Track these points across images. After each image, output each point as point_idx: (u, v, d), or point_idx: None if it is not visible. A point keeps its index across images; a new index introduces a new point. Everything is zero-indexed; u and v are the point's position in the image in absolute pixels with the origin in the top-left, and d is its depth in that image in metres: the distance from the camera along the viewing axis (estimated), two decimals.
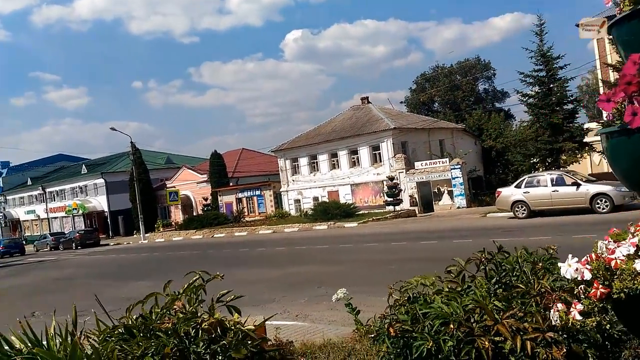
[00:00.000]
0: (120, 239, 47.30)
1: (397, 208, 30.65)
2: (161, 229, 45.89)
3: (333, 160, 37.65)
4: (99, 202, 55.19)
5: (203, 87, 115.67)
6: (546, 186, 19.41)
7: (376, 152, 35.23)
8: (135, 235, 47.22)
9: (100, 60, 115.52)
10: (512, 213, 20.41)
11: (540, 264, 3.57)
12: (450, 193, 31.68)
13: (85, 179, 57.19)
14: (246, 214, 41.01)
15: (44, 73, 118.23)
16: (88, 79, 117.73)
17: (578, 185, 18.63)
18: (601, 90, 29.28)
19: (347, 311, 4.66)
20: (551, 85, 25.07)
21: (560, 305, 2.59)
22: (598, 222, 16.15)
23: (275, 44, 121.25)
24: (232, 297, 3.88)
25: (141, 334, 3.00)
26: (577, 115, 25.47)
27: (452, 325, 3.08)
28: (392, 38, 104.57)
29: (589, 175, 21.70)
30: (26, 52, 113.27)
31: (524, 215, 19.78)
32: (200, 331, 3.08)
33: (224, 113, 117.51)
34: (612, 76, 25.53)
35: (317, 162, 38.61)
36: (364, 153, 35.61)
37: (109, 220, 53.97)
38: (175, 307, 3.33)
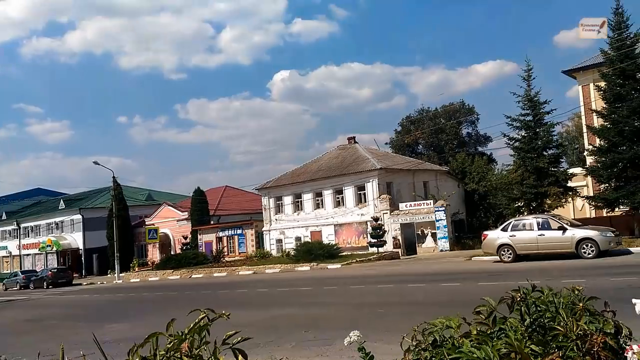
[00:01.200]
0: (94, 278, 45.83)
1: (381, 250, 30.25)
2: (136, 269, 44.61)
3: (317, 200, 37.31)
4: (74, 239, 53.67)
5: (188, 123, 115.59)
6: (532, 230, 19.26)
7: (361, 192, 35.03)
8: (109, 275, 45.83)
9: (86, 94, 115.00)
10: (497, 257, 20.17)
11: (581, 304, 3.21)
12: (434, 235, 31.43)
13: (62, 215, 55.75)
14: (226, 253, 40.12)
15: (27, 105, 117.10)
16: (72, 113, 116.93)
17: (564, 229, 18.51)
18: (585, 135, 29.76)
19: (361, 357, 4.22)
20: (537, 130, 25.35)
21: (636, 347, 2.31)
22: (585, 267, 15.98)
23: (263, 83, 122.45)
24: (240, 339, 3.43)
25: None
26: (561, 160, 25.70)
27: None
28: (377, 81, 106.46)
29: (572, 220, 21.65)
30: (12, 83, 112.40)
31: (509, 259, 19.52)
32: None
33: (208, 150, 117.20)
34: (597, 122, 25.94)
35: (301, 201, 38.22)
36: (349, 193, 35.37)
37: (82, 258, 52.40)
38: (181, 349, 2.89)
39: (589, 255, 17.64)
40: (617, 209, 23.33)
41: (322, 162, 39.90)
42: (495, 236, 20.14)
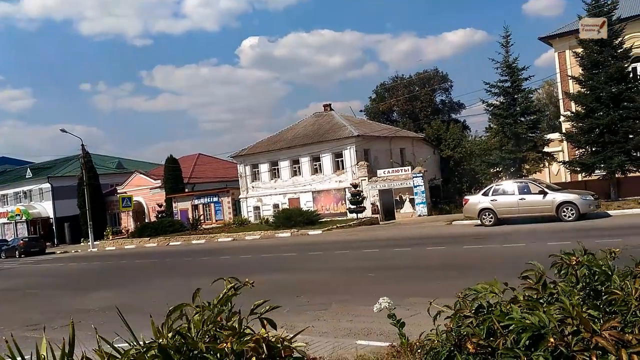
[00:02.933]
0: (67, 247, 44.96)
1: (360, 215, 30.37)
2: (110, 237, 43.97)
3: (295, 167, 37.08)
4: (44, 208, 52.39)
5: (155, 91, 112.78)
6: (513, 194, 19.50)
7: (339, 159, 34.91)
8: (82, 243, 44.99)
9: (47, 61, 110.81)
10: (478, 221, 20.42)
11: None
12: (412, 201, 31.68)
13: (30, 184, 54.17)
14: (203, 221, 39.76)
15: None
16: (34, 80, 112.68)
17: (545, 193, 18.79)
18: (561, 102, 30.10)
19: (391, 323, 4.12)
20: (515, 96, 25.47)
21: None
22: (566, 229, 16.29)
23: (231, 50, 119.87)
24: (268, 307, 3.26)
25: (182, 357, 2.36)
26: (538, 126, 25.94)
27: (551, 339, 2.59)
28: (347, 49, 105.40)
29: (551, 184, 22.00)
30: None
31: (490, 222, 19.80)
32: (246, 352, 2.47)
33: (176, 118, 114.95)
34: (572, 87, 26.17)
35: (278, 168, 37.92)
36: (327, 160, 35.22)
37: (54, 227, 51.29)
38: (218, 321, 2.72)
39: (569, 219, 17.99)
40: (593, 174, 23.78)
41: (298, 130, 39.51)
42: (476, 201, 20.35)
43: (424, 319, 7.57)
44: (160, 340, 2.50)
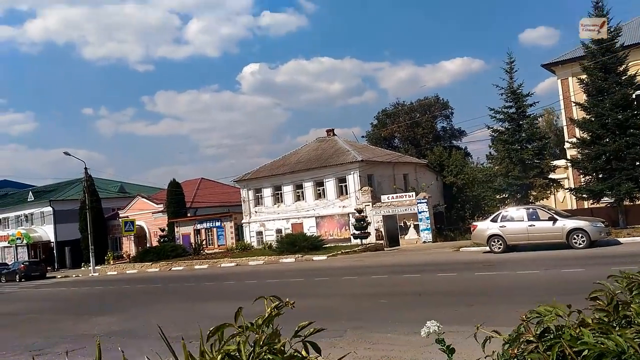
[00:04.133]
0: (68, 271, 44.47)
1: (365, 241, 30.11)
2: (112, 262, 43.58)
3: (298, 192, 36.94)
4: (45, 231, 52.03)
5: (156, 116, 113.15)
6: (522, 220, 19.30)
7: (342, 184, 34.80)
8: (83, 268, 44.57)
9: (50, 85, 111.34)
10: (487, 247, 20.19)
11: None
12: (417, 227, 31.45)
13: (31, 207, 53.92)
14: (205, 246, 39.42)
15: None
16: (36, 104, 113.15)
17: (555, 220, 18.59)
18: (565, 128, 30.13)
19: (440, 349, 3.90)
20: (521, 122, 25.49)
21: None
22: (578, 257, 16.05)
23: (232, 76, 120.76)
24: (312, 330, 3.07)
25: None
26: (544, 152, 25.89)
27: None
28: (347, 76, 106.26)
29: (560, 210, 21.83)
30: None
31: (500, 249, 19.54)
32: None
33: (177, 143, 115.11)
34: (576, 114, 26.21)
35: (281, 193, 37.79)
36: (330, 185, 35.10)
37: (55, 251, 50.85)
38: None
39: (580, 246, 17.76)
40: (601, 201, 23.64)
41: (301, 155, 39.51)
42: (485, 227, 20.14)
43: (456, 346, 7.33)
44: None
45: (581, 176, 25.38)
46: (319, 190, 35.91)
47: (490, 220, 20.28)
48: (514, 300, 10.16)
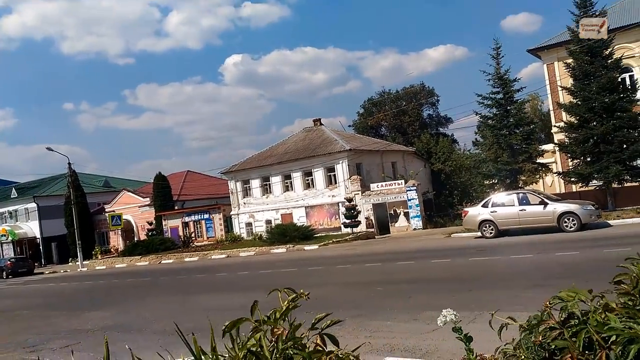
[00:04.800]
0: (55, 267, 43.93)
1: (355, 230, 30.10)
2: (99, 256, 43.20)
3: (287, 182, 36.78)
4: (31, 228, 51.30)
5: (138, 109, 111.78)
6: (513, 205, 19.38)
7: (331, 173, 34.70)
8: (71, 263, 44.09)
9: (29, 81, 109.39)
10: (478, 233, 20.27)
11: None
12: (407, 215, 31.50)
13: (15, 204, 53.08)
14: (194, 238, 39.16)
15: None
16: (15, 100, 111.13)
17: (545, 204, 18.68)
18: (551, 113, 30.28)
19: (457, 337, 3.82)
20: (508, 107, 25.54)
21: None
22: (570, 239, 16.15)
23: (215, 68, 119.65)
24: (330, 322, 2.97)
25: None
26: (532, 137, 25.99)
27: None
28: (331, 65, 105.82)
29: (550, 194, 21.95)
30: None
31: (491, 234, 19.63)
32: None
33: (160, 136, 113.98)
34: (563, 98, 26.30)
35: (269, 184, 37.59)
36: (319, 175, 34.98)
37: (41, 247, 50.20)
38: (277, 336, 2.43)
39: (571, 229, 17.87)
40: (590, 184, 23.82)
41: (288, 145, 39.29)
42: (476, 212, 20.20)
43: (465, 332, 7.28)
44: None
45: (569, 160, 25.53)
46: (307, 180, 35.78)
47: (481, 206, 20.34)
48: (512, 285, 10.18)
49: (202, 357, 2.55)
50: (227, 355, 2.66)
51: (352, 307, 10.33)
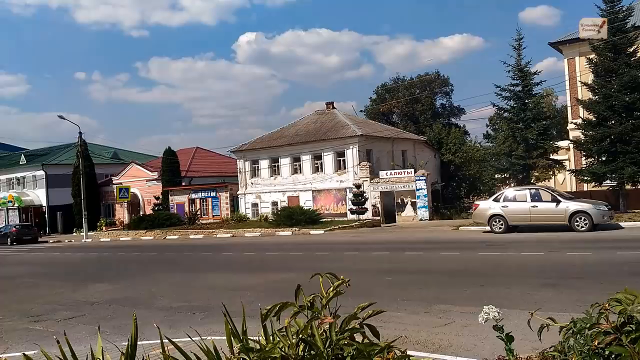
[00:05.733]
0: (59, 236, 44.11)
1: (362, 217, 29.95)
2: (104, 228, 43.35)
3: (295, 165, 36.60)
4: (37, 195, 51.46)
5: (150, 83, 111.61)
6: (525, 201, 19.13)
7: (341, 158, 34.47)
8: (75, 234, 44.29)
9: (42, 48, 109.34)
10: (487, 227, 20.06)
11: None
12: (414, 204, 31.31)
13: (23, 170, 53.17)
14: (200, 216, 39.17)
15: None
16: (28, 67, 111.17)
17: (558, 202, 18.42)
18: (569, 109, 29.83)
19: (498, 337, 3.64)
20: (526, 101, 25.14)
21: None
22: (581, 239, 15.92)
23: (228, 45, 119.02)
24: (372, 312, 2.81)
25: None
26: (548, 133, 25.61)
27: None
28: (345, 49, 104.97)
29: (564, 192, 21.66)
30: None
31: (501, 229, 19.41)
32: None
33: (170, 111, 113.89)
34: (581, 94, 25.85)
35: (278, 165, 37.43)
36: (328, 159, 34.77)
37: (46, 215, 50.41)
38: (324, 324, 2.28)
39: (582, 229, 17.63)
40: (603, 184, 23.50)
41: (299, 127, 39.04)
42: (487, 206, 19.95)
43: (474, 327, 7.09)
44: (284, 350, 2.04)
45: (583, 158, 25.18)
46: (316, 163, 35.58)
47: (493, 200, 20.10)
48: (524, 282, 9.99)
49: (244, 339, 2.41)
50: (273, 340, 2.50)
51: (361, 295, 10.13)
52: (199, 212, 39.60)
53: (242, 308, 3.11)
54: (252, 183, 38.75)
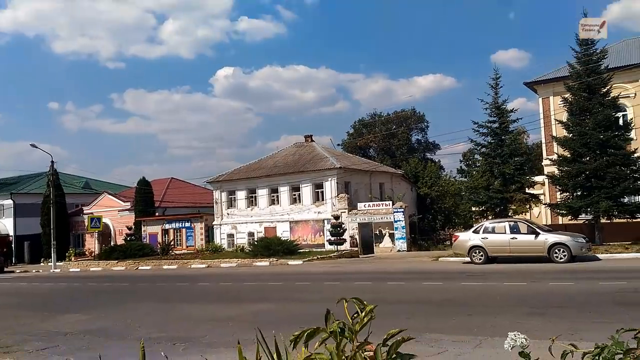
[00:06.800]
0: (27, 266, 42.58)
1: (340, 248, 29.73)
2: (73, 258, 42.00)
3: (273, 196, 36.34)
4: (4, 225, 49.79)
5: (124, 114, 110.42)
6: (505, 233, 19.27)
7: (319, 190, 34.38)
8: (43, 264, 42.85)
9: (16, 77, 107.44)
10: (466, 258, 20.08)
11: None
12: (392, 236, 31.26)
13: None
14: (173, 246, 38.32)
15: None
16: (0, 95, 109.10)
17: (537, 234, 18.59)
18: (543, 146, 30.50)
19: None
20: (503, 137, 25.64)
21: None
22: (561, 270, 16.02)
23: (205, 79, 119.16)
24: (401, 339, 2.61)
25: None
26: (524, 168, 26.07)
27: None
28: (321, 85, 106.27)
29: (542, 225, 21.90)
30: None
31: (480, 260, 19.45)
32: None
33: (144, 142, 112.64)
34: (556, 132, 26.49)
35: (256, 196, 37.11)
36: (307, 190, 34.64)
37: (13, 245, 48.71)
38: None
39: (561, 260, 17.77)
40: (579, 217, 23.86)
41: (278, 159, 38.98)
42: (467, 238, 20.03)
43: (467, 355, 6.90)
44: None
45: (558, 192, 25.62)
46: (294, 195, 35.41)
47: (472, 232, 20.20)
48: (511, 312, 9.91)
49: None
50: None
51: None
52: (172, 243, 38.75)
53: (226, 339, 2.90)
54: (228, 214, 38.25)
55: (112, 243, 43.36)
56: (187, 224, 40.23)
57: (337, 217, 30.58)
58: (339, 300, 2.78)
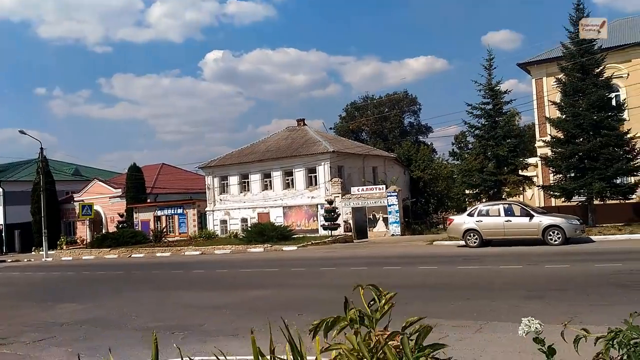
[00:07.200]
0: (18, 255, 42.21)
1: (335, 233, 29.70)
2: (64, 247, 41.76)
3: (266, 181, 36.16)
4: None
5: (113, 99, 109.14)
6: (499, 216, 19.27)
7: (312, 174, 34.23)
8: (34, 252, 42.52)
9: (1, 63, 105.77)
10: (461, 241, 20.10)
11: None
12: (385, 220, 31.27)
13: None
14: (166, 233, 38.13)
15: None
16: None
17: (531, 216, 18.61)
18: (536, 127, 30.47)
19: (540, 349, 3.38)
20: (497, 119, 25.56)
21: None
22: (555, 252, 16.07)
23: (194, 62, 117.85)
24: (420, 327, 2.50)
25: None
26: (518, 150, 26.04)
27: None
28: (312, 68, 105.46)
29: (536, 207, 21.94)
30: None
31: (475, 244, 19.47)
32: None
33: (133, 128, 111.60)
34: (549, 113, 26.44)
35: (248, 181, 36.91)
36: (300, 175, 34.48)
37: (3, 234, 48.27)
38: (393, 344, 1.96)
39: (555, 242, 17.82)
40: (572, 199, 23.93)
41: (270, 143, 38.71)
42: (461, 221, 20.02)
43: (468, 340, 6.87)
44: None
45: (551, 174, 25.64)
46: (287, 180, 35.25)
47: (467, 215, 20.18)
48: (509, 295, 9.89)
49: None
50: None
51: (342, 310, 9.87)
52: (165, 230, 38.55)
53: (224, 327, 2.77)
54: (220, 199, 38.06)
55: (103, 231, 43.11)
56: (180, 211, 40.02)
57: (330, 202, 30.51)
58: (355, 288, 2.66)
